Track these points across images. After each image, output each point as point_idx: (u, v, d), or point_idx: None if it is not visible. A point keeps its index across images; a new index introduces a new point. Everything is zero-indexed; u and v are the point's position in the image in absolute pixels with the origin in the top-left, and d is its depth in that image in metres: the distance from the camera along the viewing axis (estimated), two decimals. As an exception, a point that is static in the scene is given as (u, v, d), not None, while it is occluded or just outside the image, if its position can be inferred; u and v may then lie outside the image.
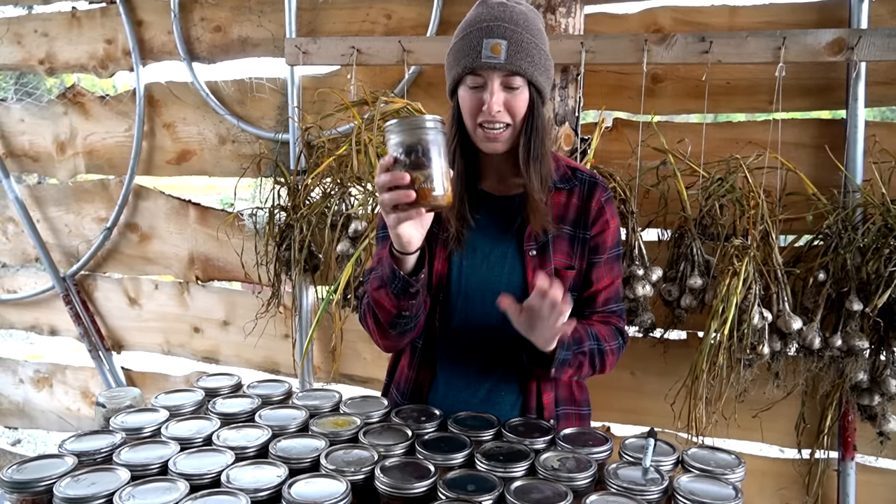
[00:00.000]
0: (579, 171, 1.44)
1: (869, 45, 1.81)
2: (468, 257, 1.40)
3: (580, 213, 1.41)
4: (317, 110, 2.45)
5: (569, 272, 1.39)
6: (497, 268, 1.40)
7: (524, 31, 1.27)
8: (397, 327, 1.32)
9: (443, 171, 1.13)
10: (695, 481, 1.13)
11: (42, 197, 3.10)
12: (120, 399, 1.45)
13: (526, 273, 1.38)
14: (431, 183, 1.11)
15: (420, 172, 1.11)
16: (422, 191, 1.11)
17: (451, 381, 1.46)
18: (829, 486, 2.09)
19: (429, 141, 1.12)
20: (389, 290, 1.25)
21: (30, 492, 1.09)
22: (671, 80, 2.15)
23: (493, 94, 1.26)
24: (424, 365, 1.47)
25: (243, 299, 2.79)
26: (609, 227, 1.42)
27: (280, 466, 1.14)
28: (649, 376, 2.22)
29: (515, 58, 1.25)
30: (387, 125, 1.14)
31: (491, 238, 1.40)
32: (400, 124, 1.12)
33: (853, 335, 1.80)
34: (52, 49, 2.95)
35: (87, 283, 3.07)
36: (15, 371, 3.33)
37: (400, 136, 1.12)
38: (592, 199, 1.41)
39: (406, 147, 1.12)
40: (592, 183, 1.42)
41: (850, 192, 1.91)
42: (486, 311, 1.38)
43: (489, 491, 1.07)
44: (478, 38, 1.26)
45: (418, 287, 1.25)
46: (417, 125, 1.12)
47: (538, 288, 1.15)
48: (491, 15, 1.27)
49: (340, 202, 2.23)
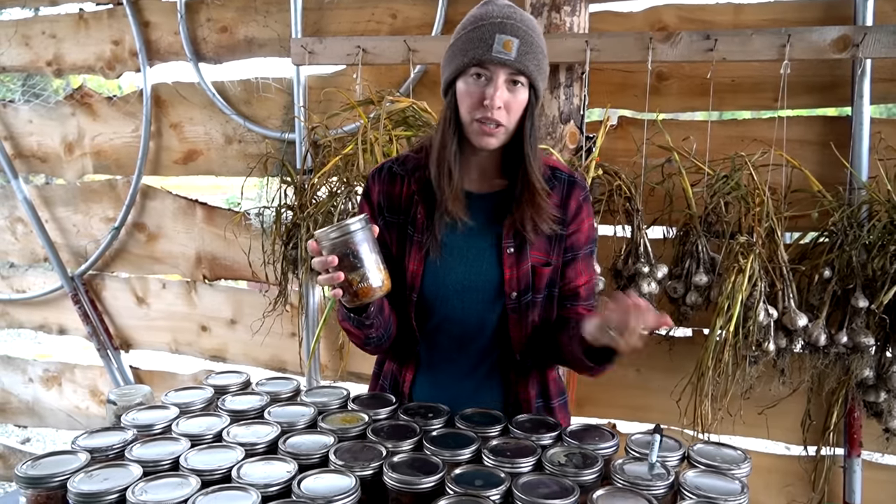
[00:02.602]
0: (559, 171, 1.44)
1: (874, 41, 1.81)
2: (444, 257, 1.40)
3: (560, 211, 1.41)
4: (323, 110, 2.46)
5: (545, 269, 1.40)
6: (475, 265, 1.40)
7: (534, 34, 1.29)
8: (370, 344, 1.40)
9: (376, 264, 1.22)
10: (701, 476, 1.14)
11: (50, 197, 3.12)
12: (131, 396, 1.46)
13: (503, 270, 1.38)
14: (367, 281, 1.20)
15: (356, 273, 1.20)
16: (361, 290, 1.21)
17: (434, 378, 1.47)
18: (835, 482, 2.09)
19: (357, 242, 1.19)
20: (351, 323, 1.32)
21: (44, 487, 1.10)
22: (676, 78, 2.15)
23: (498, 90, 1.26)
24: (407, 362, 1.49)
25: (250, 298, 2.80)
26: (584, 225, 1.43)
27: (289, 462, 1.15)
28: (655, 373, 2.22)
29: (525, 58, 1.26)
30: (316, 234, 1.21)
31: (469, 236, 1.40)
32: (328, 235, 1.19)
33: (859, 332, 1.81)
34: (60, 50, 2.97)
35: (95, 283, 3.09)
36: (24, 370, 3.35)
37: (331, 244, 1.19)
38: (571, 198, 1.41)
39: (339, 254, 1.19)
40: (571, 182, 1.43)
41: (856, 189, 1.92)
42: (465, 310, 1.40)
43: (497, 486, 1.08)
44: (490, 33, 1.26)
45: (371, 321, 1.31)
46: (344, 232, 1.19)
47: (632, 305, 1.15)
48: (503, 13, 1.28)
49: (347, 201, 2.24)
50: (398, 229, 1.43)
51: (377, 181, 1.45)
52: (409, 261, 1.40)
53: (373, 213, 1.45)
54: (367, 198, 1.47)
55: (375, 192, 1.45)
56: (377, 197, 1.44)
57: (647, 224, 2.04)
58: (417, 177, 1.41)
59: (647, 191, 2.06)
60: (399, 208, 1.43)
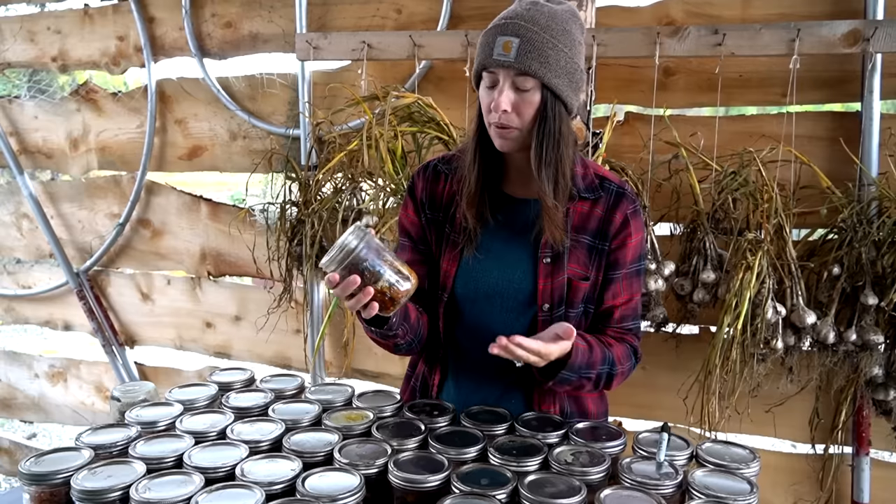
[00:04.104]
0: (607, 181, 1.38)
1: (885, 36, 1.79)
2: (479, 259, 1.37)
3: (602, 224, 1.35)
4: (327, 105, 2.45)
5: (583, 283, 1.35)
6: (509, 272, 1.37)
7: (541, 31, 1.22)
8: (400, 351, 1.39)
9: (392, 264, 1.18)
10: (709, 476, 1.13)
11: (55, 193, 3.12)
12: (135, 393, 1.45)
13: (537, 280, 1.35)
14: (394, 283, 1.17)
15: (382, 282, 1.16)
16: (393, 293, 1.17)
17: (460, 383, 1.45)
18: (843, 481, 2.08)
19: (365, 253, 1.15)
20: (374, 335, 1.32)
21: (48, 484, 1.10)
22: (683, 73, 2.13)
23: (502, 93, 1.24)
24: (434, 364, 1.47)
25: (255, 294, 2.80)
26: (630, 241, 1.36)
27: (294, 460, 1.15)
28: (661, 371, 2.21)
29: (525, 57, 1.21)
30: (323, 265, 1.16)
31: (506, 241, 1.38)
32: (334, 259, 1.15)
33: (868, 329, 1.79)
34: (65, 46, 2.96)
35: (100, 279, 3.09)
36: (30, 366, 3.36)
37: (342, 266, 1.15)
38: (617, 210, 1.35)
39: (352, 271, 1.15)
40: (619, 194, 1.36)
41: (865, 185, 1.89)
42: (493, 315, 1.37)
43: (503, 485, 1.07)
44: (493, 35, 1.24)
45: (395, 330, 1.29)
46: (349, 249, 1.14)
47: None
48: (514, 12, 1.25)
49: (351, 197, 2.23)
50: (437, 227, 1.42)
51: (422, 178, 1.45)
52: (444, 259, 1.39)
53: (416, 208, 1.44)
54: (411, 193, 1.46)
55: (419, 188, 1.44)
56: (420, 194, 1.44)
57: (654, 220, 2.02)
58: (459, 176, 1.39)
59: (654, 187, 2.04)
60: (440, 206, 1.42)
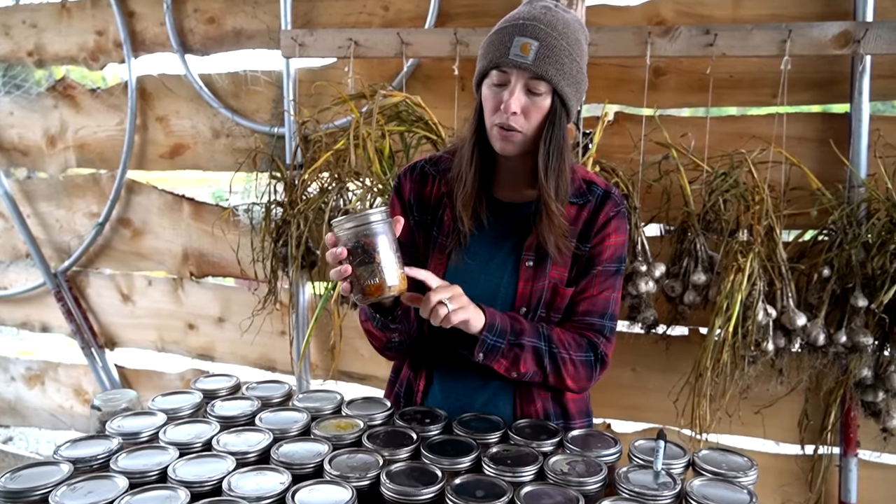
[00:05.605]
0: (595, 185, 1.37)
1: (875, 37, 1.79)
2: (466, 263, 1.36)
3: (586, 227, 1.35)
4: (313, 104, 2.41)
5: (567, 289, 1.34)
6: (495, 276, 1.36)
7: (559, 37, 1.21)
8: (391, 349, 1.37)
9: (392, 262, 1.14)
10: (708, 485, 1.11)
11: (32, 192, 3.04)
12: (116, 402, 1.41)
13: (518, 283, 1.34)
14: (378, 278, 1.13)
15: (365, 269, 1.13)
16: (369, 287, 1.14)
17: (447, 387, 1.43)
18: (832, 482, 2.08)
19: (372, 235, 1.12)
20: (373, 324, 1.29)
21: (24, 501, 1.05)
22: (673, 73, 2.12)
23: (513, 94, 1.22)
24: (419, 369, 1.45)
25: (239, 296, 2.75)
26: (609, 240, 1.35)
27: (283, 473, 1.11)
28: (651, 373, 2.20)
29: (544, 61, 1.20)
30: (333, 221, 1.15)
31: (493, 245, 1.36)
32: (343, 224, 1.13)
33: (858, 331, 1.79)
34: (41, 40, 2.88)
35: (79, 280, 3.02)
36: (6, 368, 3.28)
37: (344, 234, 1.13)
38: (601, 212, 1.35)
39: (351, 246, 1.13)
40: (605, 196, 1.36)
41: (855, 187, 1.90)
42: None
43: (498, 497, 1.05)
44: (510, 35, 1.22)
45: (397, 324, 1.27)
46: (361, 222, 1.12)
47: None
48: (530, 14, 1.23)
49: (338, 197, 2.20)
50: (425, 230, 1.40)
51: (409, 179, 1.42)
52: (431, 262, 1.37)
53: (403, 210, 1.41)
54: (398, 194, 1.43)
55: (407, 190, 1.42)
56: (408, 195, 1.41)
57: (644, 222, 2.01)
58: (448, 178, 1.37)
59: (645, 188, 2.03)
60: (428, 208, 1.40)
